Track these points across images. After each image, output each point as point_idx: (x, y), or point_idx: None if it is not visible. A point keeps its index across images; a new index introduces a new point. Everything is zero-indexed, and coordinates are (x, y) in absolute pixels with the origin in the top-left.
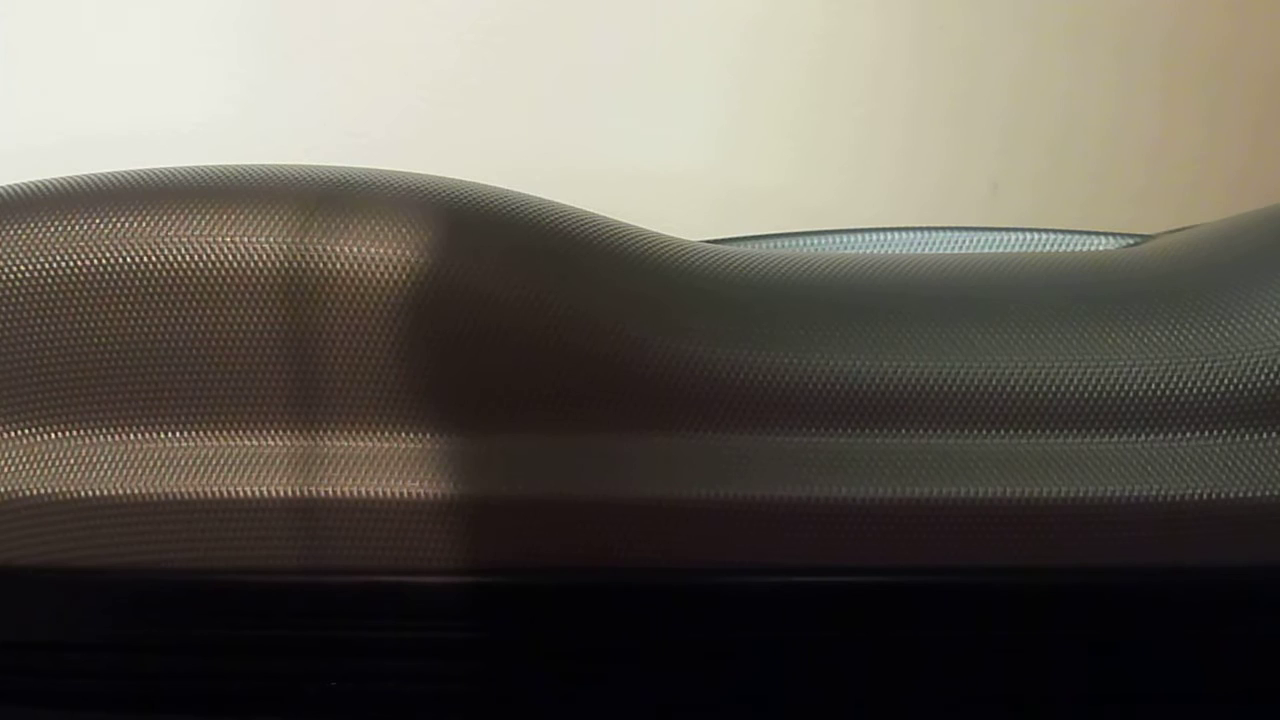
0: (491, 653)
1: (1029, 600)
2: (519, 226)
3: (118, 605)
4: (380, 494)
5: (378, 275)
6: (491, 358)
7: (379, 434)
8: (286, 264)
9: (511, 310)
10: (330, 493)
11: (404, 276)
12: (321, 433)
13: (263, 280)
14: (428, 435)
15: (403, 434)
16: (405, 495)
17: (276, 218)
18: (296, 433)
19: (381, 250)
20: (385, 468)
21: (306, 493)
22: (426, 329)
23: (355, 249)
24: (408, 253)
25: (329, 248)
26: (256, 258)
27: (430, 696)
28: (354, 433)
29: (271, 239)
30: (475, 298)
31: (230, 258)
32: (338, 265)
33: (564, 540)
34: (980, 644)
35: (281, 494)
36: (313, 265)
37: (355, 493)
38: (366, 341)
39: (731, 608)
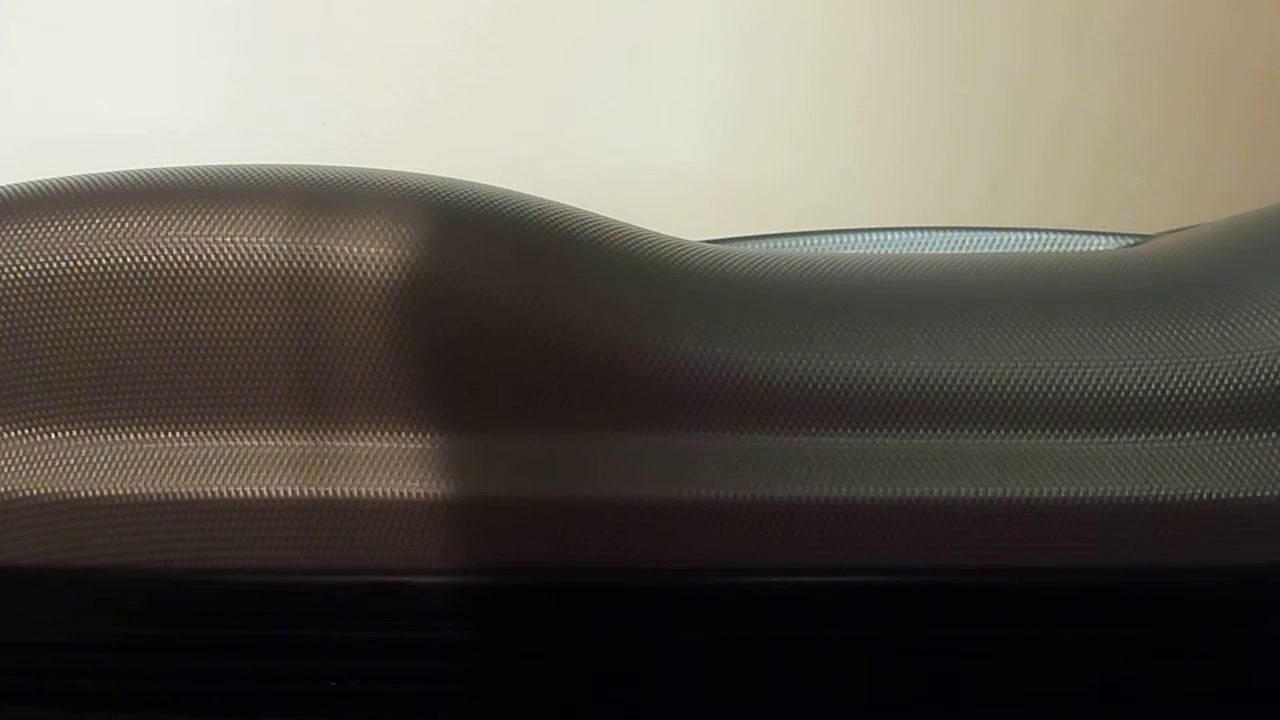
0: (491, 653)
1: (1029, 600)
2: (517, 226)
3: (118, 605)
4: (381, 494)
5: (375, 274)
6: (490, 358)
7: (379, 434)
8: (285, 264)
9: (508, 311)
10: (330, 493)
11: (401, 276)
12: (320, 433)
13: (262, 280)
14: (427, 435)
15: (403, 434)
16: (406, 495)
17: (275, 217)
18: (297, 433)
19: (379, 250)
20: (385, 468)
21: (306, 493)
22: (424, 328)
23: (353, 248)
24: (405, 252)
25: (327, 247)
26: (256, 258)
27: (430, 696)
28: (353, 433)
29: (270, 239)
30: (472, 298)
31: (230, 258)
32: (336, 265)
33: (563, 540)
34: (980, 644)
35: (281, 494)
36: (311, 265)
37: (356, 493)
38: (365, 341)
39: (730, 608)
